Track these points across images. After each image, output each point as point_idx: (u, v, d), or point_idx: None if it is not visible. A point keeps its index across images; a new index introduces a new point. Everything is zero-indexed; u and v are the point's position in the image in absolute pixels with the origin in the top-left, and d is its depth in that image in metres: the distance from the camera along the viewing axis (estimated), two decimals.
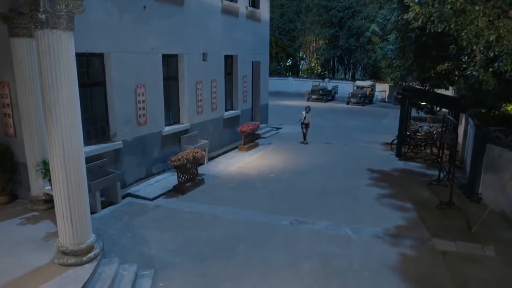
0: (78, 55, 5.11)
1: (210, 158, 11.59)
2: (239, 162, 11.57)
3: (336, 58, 37.82)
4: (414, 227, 7.38)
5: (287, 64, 41.06)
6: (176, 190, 8.79)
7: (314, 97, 28.44)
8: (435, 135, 12.82)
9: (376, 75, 33.78)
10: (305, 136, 14.38)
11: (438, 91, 12.51)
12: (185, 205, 8.17)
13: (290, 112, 21.27)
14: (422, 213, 8.04)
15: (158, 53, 9.49)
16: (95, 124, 8.21)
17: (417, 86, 13.71)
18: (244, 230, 7.11)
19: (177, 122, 10.82)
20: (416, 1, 6.21)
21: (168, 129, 10.13)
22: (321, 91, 28.58)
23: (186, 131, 10.82)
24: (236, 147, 13.04)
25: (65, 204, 4.92)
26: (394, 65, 11.32)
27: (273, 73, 33.09)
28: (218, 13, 11.96)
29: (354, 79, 34.63)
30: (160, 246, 6.36)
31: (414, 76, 11.55)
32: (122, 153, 8.62)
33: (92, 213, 5.58)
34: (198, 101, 11.33)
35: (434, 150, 12.80)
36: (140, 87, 8.95)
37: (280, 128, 16.96)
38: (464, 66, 8.90)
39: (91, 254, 5.12)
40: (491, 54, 5.82)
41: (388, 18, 12.48)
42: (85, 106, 7.42)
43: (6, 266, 4.98)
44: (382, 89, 30.74)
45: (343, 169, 11.26)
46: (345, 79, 35.90)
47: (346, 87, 31.34)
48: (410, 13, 6.15)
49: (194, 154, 9.00)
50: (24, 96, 6.51)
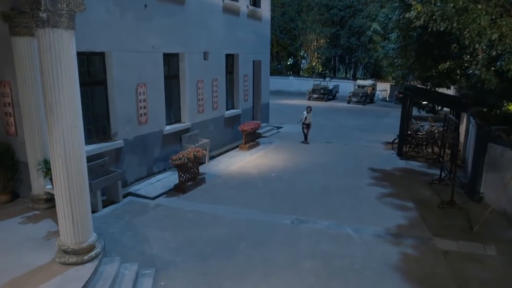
0: (79, 54, 5.10)
1: (211, 157, 11.58)
2: (240, 161, 11.56)
3: (337, 57, 37.78)
4: (415, 227, 7.37)
5: (288, 63, 41.02)
6: (177, 189, 8.80)
7: (315, 96, 28.41)
8: (437, 134, 12.79)
9: (377, 74, 33.74)
10: (306, 136, 14.27)
11: (440, 90, 12.48)
12: (186, 204, 8.17)
13: (291, 111, 21.25)
14: (423, 212, 8.03)
15: (159, 52, 9.48)
16: (96, 123, 8.21)
17: (418, 85, 13.68)
18: (245, 229, 7.11)
19: (178, 121, 10.82)
20: None
21: (169, 128, 10.13)
22: (322, 90, 28.55)
23: (187, 130, 10.81)
24: (237, 146, 13.03)
25: (66, 203, 4.92)
26: (396, 64, 11.29)
27: (274, 72, 33.06)
28: (219, 12, 11.95)
29: (355, 78, 34.58)
30: (161, 245, 6.36)
31: (416, 75, 11.52)
32: (123, 152, 8.62)
33: (93, 212, 5.59)
34: (199, 100, 11.32)
35: (436, 149, 12.77)
36: (141, 86, 8.94)
37: (281, 127, 16.94)
38: (466, 65, 8.86)
39: (92, 253, 5.13)
40: (494, 53, 5.80)
41: (389, 17, 12.45)
42: (86, 105, 7.43)
43: (7, 265, 4.99)
44: (383, 88, 30.70)
45: (344, 168, 11.24)
46: (346, 78, 35.87)
47: (347, 86, 31.30)
48: (412, 11, 6.13)
49: (195, 153, 9.00)
50: (25, 95, 6.51)
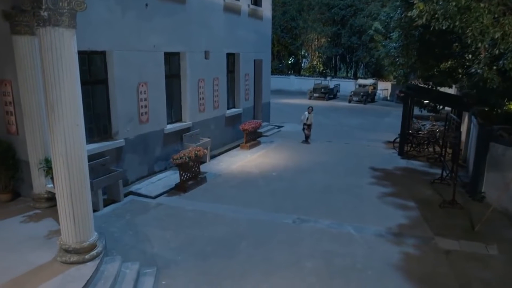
0: (80, 53, 5.09)
1: (212, 156, 11.57)
2: (241, 161, 11.55)
3: (338, 56, 37.74)
4: (417, 226, 7.36)
5: (289, 62, 40.98)
6: (178, 188, 8.79)
7: (316, 95, 28.38)
8: (438, 134, 12.77)
9: (378, 73, 33.70)
10: (307, 136, 14.14)
11: (441, 90, 12.46)
12: (187, 203, 8.16)
13: (292, 110, 21.23)
14: (425, 211, 8.01)
15: (160, 51, 9.47)
16: (97, 122, 8.20)
17: (419, 85, 13.65)
18: (246, 228, 7.10)
19: (179, 120, 10.81)
20: None
21: (170, 127, 10.12)
22: (323, 90, 28.52)
23: (188, 129, 10.80)
24: (238, 145, 13.02)
25: (67, 202, 4.92)
26: (397, 63, 11.27)
27: (275, 71, 33.00)
28: (220, 11, 11.93)
29: (356, 78, 34.55)
30: (162, 244, 6.36)
31: (417, 74, 11.50)
32: (124, 151, 8.61)
33: (94, 211, 5.59)
34: (200, 99, 11.31)
35: (437, 148, 12.75)
36: (142, 85, 8.93)
37: (282, 126, 16.93)
38: (467, 64, 8.85)
39: (94, 252, 5.13)
40: (496, 52, 5.78)
41: (391, 15, 12.42)
42: (87, 104, 7.42)
43: (8, 264, 4.99)
44: (384, 87, 30.67)
45: (346, 167, 11.23)
46: (347, 77, 35.83)
47: (348, 86, 31.25)
48: (414, 10, 6.12)
49: (196, 152, 8.99)
50: (26, 94, 6.51)
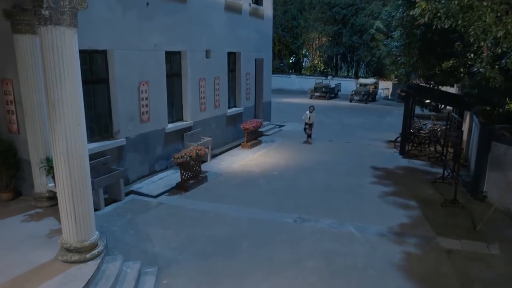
0: (81, 52, 5.08)
1: (213, 156, 11.56)
2: (242, 160, 11.54)
3: (339, 56, 37.71)
4: (418, 225, 7.34)
5: (290, 61, 40.94)
6: (179, 188, 8.78)
7: (317, 94, 28.35)
8: (439, 133, 12.75)
9: (379, 73, 33.66)
10: (309, 136, 14.04)
11: (443, 89, 12.44)
12: (188, 202, 8.16)
13: (293, 109, 21.23)
14: (426, 211, 7.99)
15: (161, 50, 9.46)
16: (98, 121, 8.19)
17: (421, 84, 13.63)
18: (247, 227, 7.09)
19: (180, 119, 10.80)
20: None
21: (171, 126, 10.12)
22: (324, 89, 28.49)
23: (189, 128, 10.80)
24: (239, 145, 13.01)
25: (68, 201, 4.92)
26: (399, 62, 11.25)
27: (275, 70, 32.99)
28: (221, 10, 11.91)
29: (357, 77, 34.50)
30: (163, 243, 6.35)
31: (419, 73, 11.48)
32: (125, 150, 8.61)
33: (95, 210, 5.59)
34: (201, 98, 11.30)
35: (438, 148, 12.73)
36: (143, 84, 8.92)
37: (283, 125, 16.92)
38: (469, 63, 8.82)
39: (95, 251, 5.13)
40: (499, 51, 5.74)
41: (392, 14, 12.39)
42: (88, 103, 7.41)
43: (9, 263, 4.99)
44: (385, 86, 30.63)
45: (347, 166, 11.21)
46: (348, 77, 35.78)
47: (349, 85, 31.22)
48: (416, 9, 6.09)
49: (197, 151, 8.98)
50: (27, 93, 6.51)
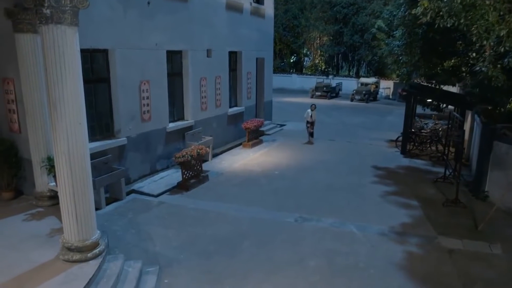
0: (82, 51, 5.08)
1: (214, 155, 11.56)
2: (243, 159, 11.53)
3: (340, 55, 37.67)
4: (420, 225, 7.33)
5: (291, 60, 40.90)
6: (180, 187, 8.78)
7: (318, 94, 28.33)
8: (441, 132, 12.72)
9: (380, 72, 33.62)
10: (311, 134, 13.85)
11: (444, 88, 12.41)
12: (189, 201, 8.15)
13: (294, 109, 21.21)
14: (427, 210, 7.98)
15: (163, 49, 9.45)
16: (100, 120, 8.19)
17: (422, 83, 13.60)
18: (248, 227, 7.08)
19: (181, 118, 10.79)
20: None
21: (172, 125, 10.11)
22: (325, 88, 28.46)
23: (190, 128, 10.79)
24: (240, 144, 12.99)
25: (70, 200, 4.92)
26: (401, 61, 11.23)
27: (276, 69, 32.95)
28: (222, 9, 11.89)
29: (358, 76, 34.47)
30: (164, 242, 6.35)
31: (421, 72, 11.45)
32: (126, 149, 8.61)
33: (96, 209, 5.59)
34: (202, 97, 11.29)
35: (440, 147, 12.70)
36: (144, 83, 8.92)
37: (284, 125, 16.90)
38: (471, 62, 8.79)
39: (96, 251, 5.12)
40: (501, 50, 5.72)
41: (394, 13, 12.38)
42: (89, 102, 7.40)
43: (11, 262, 4.99)
44: (387, 86, 30.60)
45: (348, 166, 11.19)
46: (349, 76, 35.73)
47: (350, 84, 31.20)
48: (418, 8, 6.07)
49: (198, 150, 8.97)
50: (28, 92, 6.50)
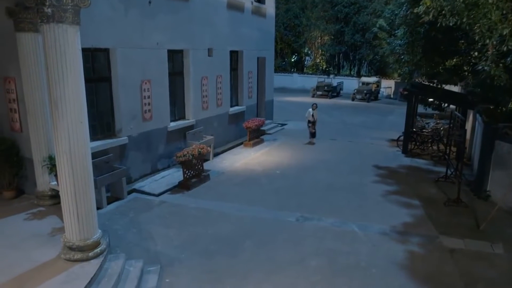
0: (83, 50, 5.07)
1: (215, 154, 11.55)
2: (245, 158, 11.52)
3: (341, 54, 37.61)
4: (421, 224, 7.31)
5: (292, 60, 40.86)
6: (181, 186, 8.78)
7: (319, 93, 28.32)
8: (442, 132, 12.70)
9: (381, 71, 33.56)
10: (312, 134, 13.63)
11: (446, 87, 12.39)
12: (190, 201, 8.15)
13: (295, 108, 21.19)
14: (429, 210, 7.96)
15: (164, 48, 9.44)
16: (101, 119, 8.19)
17: (424, 82, 13.58)
18: (250, 226, 7.07)
19: (182, 117, 10.79)
20: None
21: (173, 124, 10.10)
22: (326, 87, 28.44)
23: (191, 127, 10.79)
24: (241, 143, 12.98)
25: (71, 199, 4.91)
26: (402, 60, 11.20)
27: (278, 69, 32.90)
28: (223, 8, 11.88)
29: (359, 75, 34.42)
30: (166, 242, 6.34)
31: (423, 71, 11.42)
32: (127, 148, 8.60)
33: (97, 208, 5.57)
34: (204, 96, 11.28)
35: (441, 147, 12.68)
36: (145, 83, 8.91)
37: (285, 124, 16.88)
38: (473, 61, 8.76)
39: (98, 250, 5.12)
40: (504, 49, 5.70)
41: (396, 13, 12.35)
42: (90, 101, 7.37)
43: (12, 261, 4.99)
44: (388, 85, 30.57)
45: (349, 165, 11.18)
46: (350, 75, 35.67)
47: (351, 83, 31.16)
48: (421, 6, 6.06)
49: (199, 150, 8.97)
50: (30, 91, 6.50)
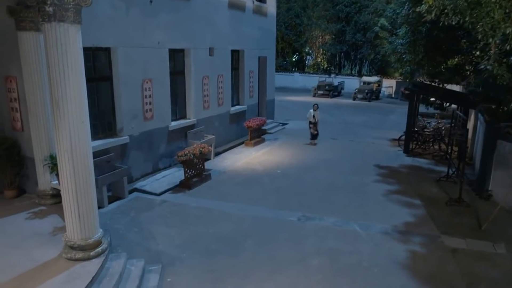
0: (84, 50, 5.05)
1: (217, 154, 11.54)
2: (246, 158, 11.51)
3: (342, 54, 37.54)
4: (423, 224, 7.30)
5: (293, 59, 40.81)
6: (182, 185, 8.77)
7: (320, 92, 28.30)
8: (443, 131, 12.68)
9: (382, 71, 33.50)
10: (313, 136, 13.43)
11: (447, 87, 12.36)
12: (191, 200, 8.14)
13: (296, 108, 21.19)
14: (431, 209, 7.95)
15: (165, 47, 9.43)
16: (102, 119, 8.18)
17: (425, 82, 13.55)
18: (251, 226, 7.07)
19: (183, 117, 10.78)
20: None
21: (174, 124, 10.10)
22: (327, 87, 28.41)
23: (192, 126, 10.78)
24: (242, 143, 12.97)
25: (72, 198, 4.91)
26: (404, 59, 11.17)
27: (279, 68, 32.85)
28: (224, 7, 11.87)
29: (360, 75, 34.38)
30: (167, 241, 6.34)
31: (424, 70, 11.39)
32: (128, 148, 8.60)
33: (99, 208, 5.57)
34: (205, 96, 11.27)
35: (443, 146, 12.66)
36: (146, 82, 8.91)
37: (286, 123, 16.86)
38: (475, 60, 8.73)
39: (99, 249, 5.12)
40: (507, 47, 5.67)
41: (397, 12, 12.31)
42: (92, 100, 7.38)
43: (14, 260, 4.99)
44: (389, 84, 30.51)
45: (350, 165, 11.16)
46: (351, 75, 35.63)
47: (352, 83, 31.13)
48: (423, 5, 6.03)
49: (200, 149, 8.96)
50: (31, 90, 6.50)
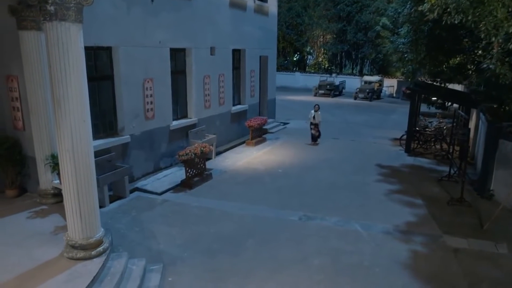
0: (86, 49, 5.05)
1: (218, 153, 11.54)
2: (247, 157, 11.51)
3: (343, 53, 37.50)
4: (424, 224, 7.28)
5: (294, 59, 40.78)
6: (184, 185, 8.77)
7: (321, 92, 28.27)
8: (445, 131, 12.65)
9: (384, 70, 33.45)
10: (314, 137, 13.31)
11: (449, 86, 12.32)
12: (193, 200, 8.14)
13: (297, 107, 21.18)
14: (432, 209, 7.93)
15: (166, 47, 9.43)
16: (103, 118, 8.18)
17: (427, 81, 13.52)
18: (252, 225, 7.06)
19: (184, 116, 10.78)
20: None
21: (175, 123, 10.10)
22: (328, 86, 28.38)
23: (193, 126, 10.77)
24: (243, 142, 12.97)
25: (74, 198, 4.91)
26: (406, 58, 11.13)
27: (280, 68, 32.83)
28: (225, 6, 11.85)
29: (361, 74, 34.33)
30: (168, 241, 6.34)
31: (426, 70, 11.36)
32: (130, 147, 8.60)
33: (100, 207, 5.58)
34: (206, 95, 11.27)
35: (444, 146, 12.63)
36: (148, 81, 8.90)
37: (287, 123, 16.86)
38: (477, 59, 8.70)
39: (100, 248, 5.12)
40: (510, 46, 5.64)
41: (399, 11, 12.28)
42: (93, 100, 7.35)
43: (15, 259, 4.99)
44: (390, 84, 30.46)
45: (352, 164, 11.14)
46: (352, 74, 35.61)
47: (353, 82, 31.10)
48: (425, 4, 6.02)
49: (202, 148, 8.96)
50: (32, 89, 6.50)
